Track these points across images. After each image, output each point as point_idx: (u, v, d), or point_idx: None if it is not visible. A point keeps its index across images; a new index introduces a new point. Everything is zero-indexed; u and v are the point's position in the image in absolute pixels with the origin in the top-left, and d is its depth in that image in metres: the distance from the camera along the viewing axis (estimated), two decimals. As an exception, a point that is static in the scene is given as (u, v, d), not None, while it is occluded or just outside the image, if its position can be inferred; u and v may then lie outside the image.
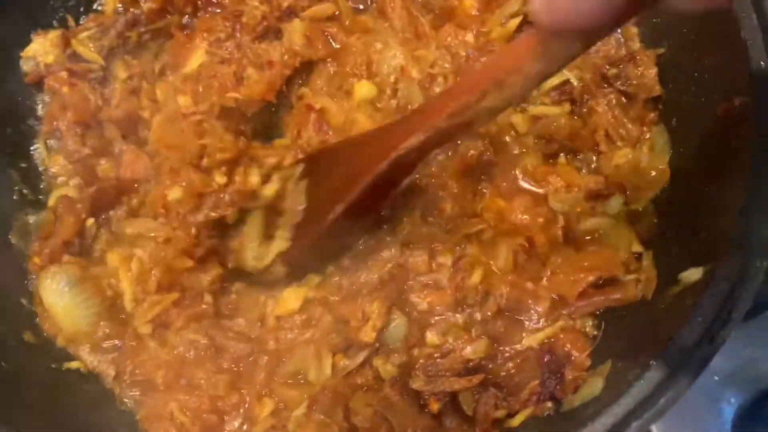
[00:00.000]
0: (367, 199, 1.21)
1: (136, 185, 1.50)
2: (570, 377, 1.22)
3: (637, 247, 1.34)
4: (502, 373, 1.24)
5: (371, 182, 1.18)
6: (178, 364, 1.34)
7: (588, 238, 1.38)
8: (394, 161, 1.13)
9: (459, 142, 1.40)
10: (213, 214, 1.39)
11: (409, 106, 1.46)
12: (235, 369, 1.34)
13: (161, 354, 1.35)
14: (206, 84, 1.51)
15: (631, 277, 1.31)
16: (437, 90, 1.47)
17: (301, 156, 1.43)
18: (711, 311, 1.06)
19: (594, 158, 1.45)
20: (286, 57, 1.54)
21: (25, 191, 1.56)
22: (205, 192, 1.42)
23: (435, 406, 1.22)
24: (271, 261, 1.36)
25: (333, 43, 1.58)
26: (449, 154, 1.42)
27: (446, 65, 1.46)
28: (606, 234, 1.37)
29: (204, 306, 1.38)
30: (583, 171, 1.45)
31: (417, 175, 1.35)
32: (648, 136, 1.43)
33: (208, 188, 1.42)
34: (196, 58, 1.58)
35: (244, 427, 1.30)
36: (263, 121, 1.57)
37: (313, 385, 1.30)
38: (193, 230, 1.40)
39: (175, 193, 1.42)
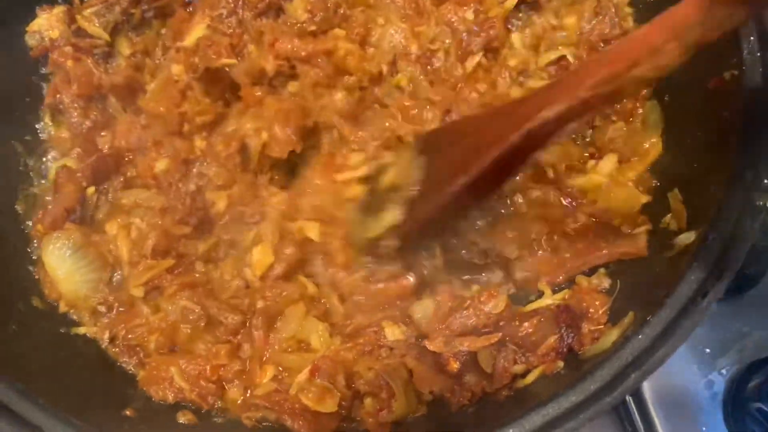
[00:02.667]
0: (491, 173, 1.13)
1: (130, 155, 1.52)
2: (587, 330, 1.24)
3: (643, 199, 1.35)
4: (520, 333, 1.25)
5: (499, 155, 1.09)
6: (171, 331, 1.36)
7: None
8: (527, 133, 1.05)
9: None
10: (200, 183, 1.42)
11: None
12: (234, 340, 1.36)
13: (154, 320, 1.36)
14: (202, 54, 1.53)
15: (641, 230, 1.33)
16: (437, 65, 1.49)
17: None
18: (704, 269, 1.11)
19: (589, 132, 1.47)
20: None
21: (30, 162, 1.58)
22: (189, 158, 1.45)
23: (455, 366, 1.22)
24: (382, 233, 1.31)
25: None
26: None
27: (447, 40, 1.50)
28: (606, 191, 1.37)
29: (197, 275, 1.41)
30: (578, 143, 1.48)
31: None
32: (641, 111, 1.46)
33: (192, 155, 1.46)
34: (196, 31, 1.58)
35: (247, 393, 1.31)
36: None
37: (315, 351, 1.32)
38: (187, 200, 1.43)
39: (161, 164, 1.46)
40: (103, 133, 1.58)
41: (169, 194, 1.44)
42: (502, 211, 1.38)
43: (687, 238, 1.21)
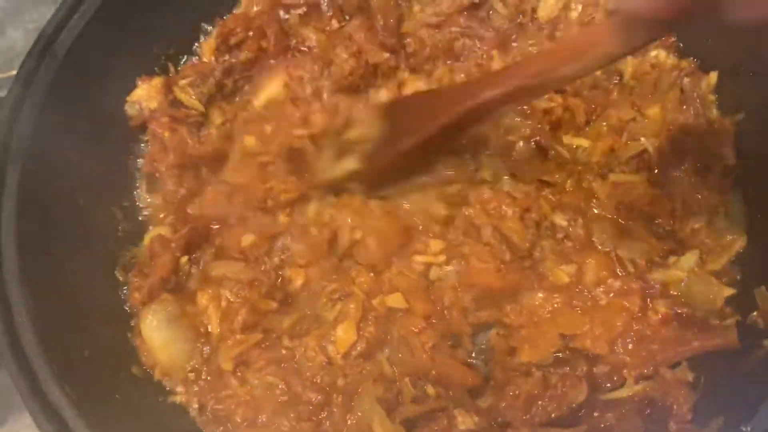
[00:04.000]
0: (437, 138, 1.40)
1: (218, 225, 1.59)
2: (674, 429, 1.24)
3: (726, 292, 1.37)
4: (602, 425, 1.25)
5: (445, 123, 1.38)
6: (256, 404, 1.40)
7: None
8: (470, 108, 1.33)
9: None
10: (283, 257, 1.51)
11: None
12: (315, 419, 1.38)
13: (240, 392, 1.41)
14: (273, 126, 1.63)
15: (731, 321, 1.34)
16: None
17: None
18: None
19: (671, 223, 1.48)
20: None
21: (127, 228, 1.66)
22: (274, 233, 1.52)
23: None
24: (341, 174, 1.52)
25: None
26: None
27: None
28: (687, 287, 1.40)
29: (283, 351, 1.45)
30: (660, 236, 1.48)
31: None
32: (724, 203, 1.48)
33: (275, 230, 1.52)
34: (270, 88, 1.70)
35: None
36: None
37: None
38: (272, 274, 1.49)
39: (247, 239, 1.52)
40: (195, 201, 1.65)
41: (255, 268, 1.50)
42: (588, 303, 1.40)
43: (778, 339, 1.22)
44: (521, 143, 1.56)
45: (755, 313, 1.31)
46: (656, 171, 1.50)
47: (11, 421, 1.68)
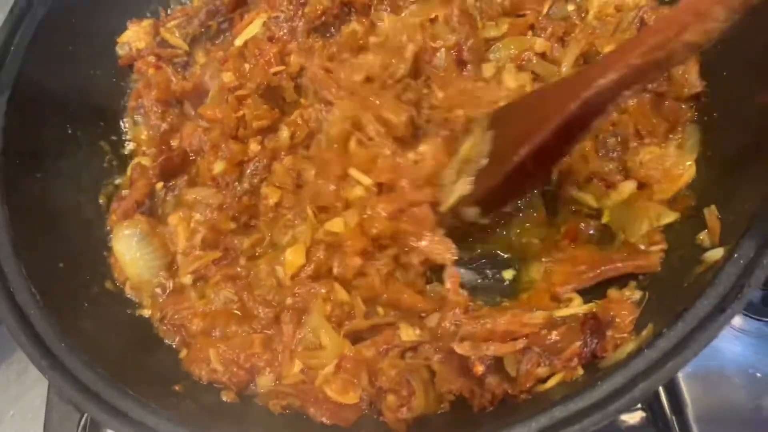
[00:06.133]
0: (553, 142, 1.22)
1: (193, 156, 1.67)
2: (610, 337, 1.25)
3: (667, 218, 1.39)
4: (548, 341, 1.27)
5: (560, 124, 1.18)
6: (212, 316, 1.48)
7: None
8: (584, 102, 1.14)
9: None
10: (255, 180, 1.56)
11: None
12: (268, 332, 1.45)
13: (198, 304, 1.50)
14: (252, 64, 1.68)
15: (656, 248, 1.35)
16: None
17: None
18: (726, 286, 1.10)
19: (618, 148, 1.49)
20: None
21: (114, 162, 1.76)
22: (244, 160, 1.58)
23: (479, 369, 1.25)
24: (454, 202, 1.42)
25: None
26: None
27: None
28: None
29: (239, 269, 1.52)
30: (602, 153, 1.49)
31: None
32: (679, 135, 1.47)
33: (246, 156, 1.59)
34: (250, 29, 1.73)
35: (276, 382, 1.40)
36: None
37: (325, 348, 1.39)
38: (244, 198, 1.57)
39: (218, 166, 1.59)
40: (177, 135, 1.73)
41: (226, 193, 1.57)
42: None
43: (716, 254, 1.20)
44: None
45: (703, 233, 1.29)
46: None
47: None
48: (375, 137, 1.48)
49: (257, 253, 1.54)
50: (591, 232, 1.47)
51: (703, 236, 1.29)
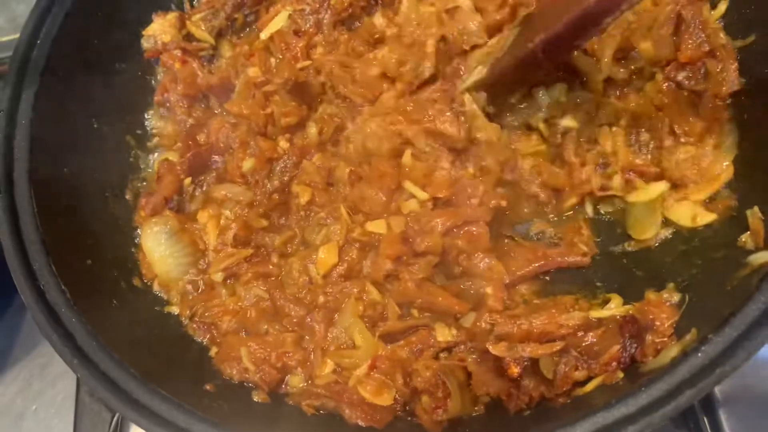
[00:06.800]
0: (566, 34, 1.27)
1: (222, 152, 1.65)
2: (650, 341, 1.23)
3: (704, 219, 1.39)
4: (584, 343, 1.25)
5: (574, 18, 1.23)
6: (242, 314, 1.47)
7: None
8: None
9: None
10: (285, 178, 1.54)
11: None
12: (299, 330, 1.43)
13: (229, 302, 1.49)
14: (278, 58, 1.66)
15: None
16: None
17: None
18: (775, 291, 1.08)
19: (652, 144, 1.46)
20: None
21: (139, 155, 1.75)
22: (273, 157, 1.56)
23: (515, 371, 1.24)
24: (469, 85, 1.46)
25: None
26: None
27: None
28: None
29: (271, 266, 1.51)
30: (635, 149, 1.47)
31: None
32: (716, 134, 1.43)
33: (275, 154, 1.56)
34: (276, 22, 1.70)
35: (308, 382, 1.39)
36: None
37: (359, 348, 1.38)
38: (275, 196, 1.55)
39: (247, 164, 1.57)
40: (204, 131, 1.71)
41: (255, 190, 1.55)
42: None
43: (762, 257, 1.18)
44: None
45: (746, 234, 1.27)
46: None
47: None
48: (428, 150, 1.46)
49: (289, 251, 1.52)
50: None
51: (745, 238, 1.27)
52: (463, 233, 1.42)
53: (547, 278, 1.46)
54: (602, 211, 1.50)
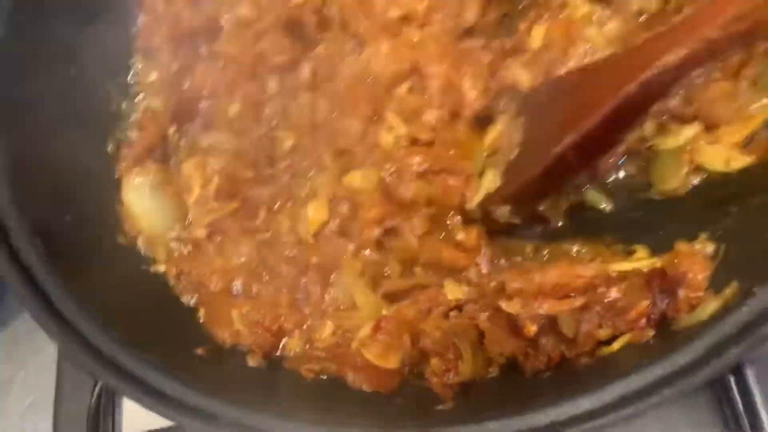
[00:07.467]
0: (603, 131, 1.05)
1: (207, 98, 1.53)
2: (683, 296, 1.10)
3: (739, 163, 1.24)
4: (606, 299, 1.14)
5: (612, 110, 1.01)
6: (231, 273, 1.37)
7: None
8: (644, 83, 0.96)
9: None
10: (273, 123, 1.43)
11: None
12: (291, 290, 1.34)
13: (217, 261, 1.38)
14: None
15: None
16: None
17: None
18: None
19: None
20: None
21: (123, 105, 1.62)
22: (261, 100, 1.44)
23: (531, 329, 1.13)
24: (482, 198, 1.28)
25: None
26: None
27: None
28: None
29: (258, 222, 1.40)
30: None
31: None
32: (753, 69, 1.27)
33: (263, 96, 1.45)
34: None
35: (306, 346, 1.31)
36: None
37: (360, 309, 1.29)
38: (262, 141, 1.44)
39: (234, 108, 1.46)
40: (190, 76, 1.58)
41: (242, 137, 1.44)
42: None
43: (810, 206, 1.05)
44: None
45: (787, 178, 1.14)
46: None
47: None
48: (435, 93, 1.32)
49: (277, 206, 1.41)
50: None
51: (787, 182, 1.14)
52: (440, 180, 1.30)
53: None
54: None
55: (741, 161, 1.26)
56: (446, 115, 1.33)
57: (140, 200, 1.41)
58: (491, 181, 1.27)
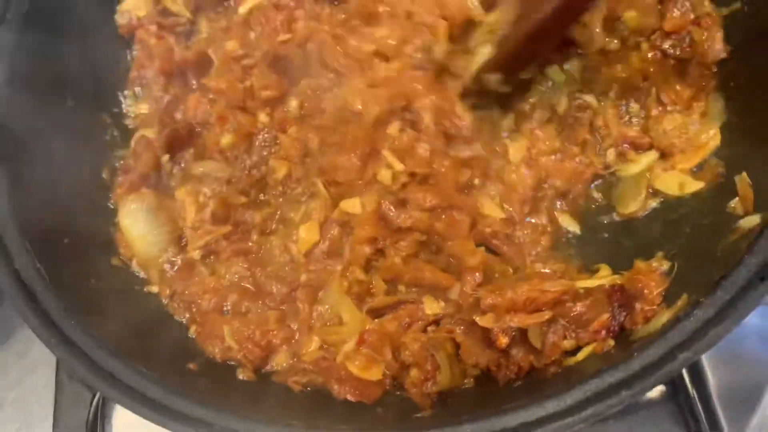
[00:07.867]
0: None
1: (199, 129, 1.60)
2: (639, 309, 1.22)
3: (691, 187, 1.38)
4: (572, 313, 1.24)
5: None
6: (223, 292, 1.43)
7: None
8: None
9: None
10: (264, 153, 1.50)
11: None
12: (282, 308, 1.41)
13: (209, 280, 1.45)
14: (257, 32, 1.61)
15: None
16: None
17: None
18: (765, 253, 1.07)
19: (642, 114, 1.46)
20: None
21: (115, 133, 1.69)
22: (252, 132, 1.52)
23: (503, 341, 1.22)
24: (477, 68, 1.40)
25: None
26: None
27: None
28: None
29: (250, 244, 1.47)
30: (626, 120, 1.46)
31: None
32: (703, 102, 1.42)
33: (255, 128, 1.52)
34: None
35: (294, 359, 1.37)
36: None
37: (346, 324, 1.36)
38: (254, 172, 1.50)
39: (226, 139, 1.52)
40: (181, 107, 1.66)
41: (234, 166, 1.51)
42: None
43: (751, 221, 1.17)
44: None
45: (735, 200, 1.26)
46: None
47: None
48: (428, 127, 1.42)
49: (269, 229, 1.49)
50: None
51: (734, 204, 1.26)
52: (445, 216, 1.39)
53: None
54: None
55: (693, 186, 1.39)
56: (440, 145, 1.42)
57: (136, 225, 1.48)
58: (486, 51, 1.38)
